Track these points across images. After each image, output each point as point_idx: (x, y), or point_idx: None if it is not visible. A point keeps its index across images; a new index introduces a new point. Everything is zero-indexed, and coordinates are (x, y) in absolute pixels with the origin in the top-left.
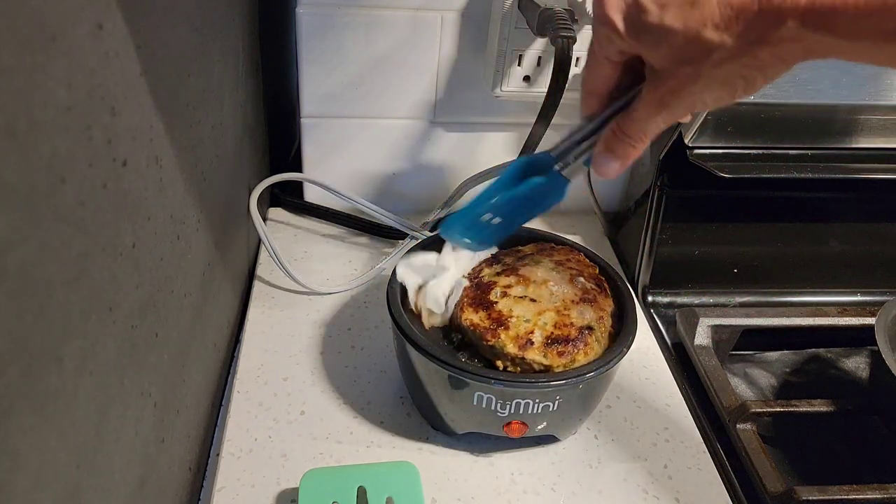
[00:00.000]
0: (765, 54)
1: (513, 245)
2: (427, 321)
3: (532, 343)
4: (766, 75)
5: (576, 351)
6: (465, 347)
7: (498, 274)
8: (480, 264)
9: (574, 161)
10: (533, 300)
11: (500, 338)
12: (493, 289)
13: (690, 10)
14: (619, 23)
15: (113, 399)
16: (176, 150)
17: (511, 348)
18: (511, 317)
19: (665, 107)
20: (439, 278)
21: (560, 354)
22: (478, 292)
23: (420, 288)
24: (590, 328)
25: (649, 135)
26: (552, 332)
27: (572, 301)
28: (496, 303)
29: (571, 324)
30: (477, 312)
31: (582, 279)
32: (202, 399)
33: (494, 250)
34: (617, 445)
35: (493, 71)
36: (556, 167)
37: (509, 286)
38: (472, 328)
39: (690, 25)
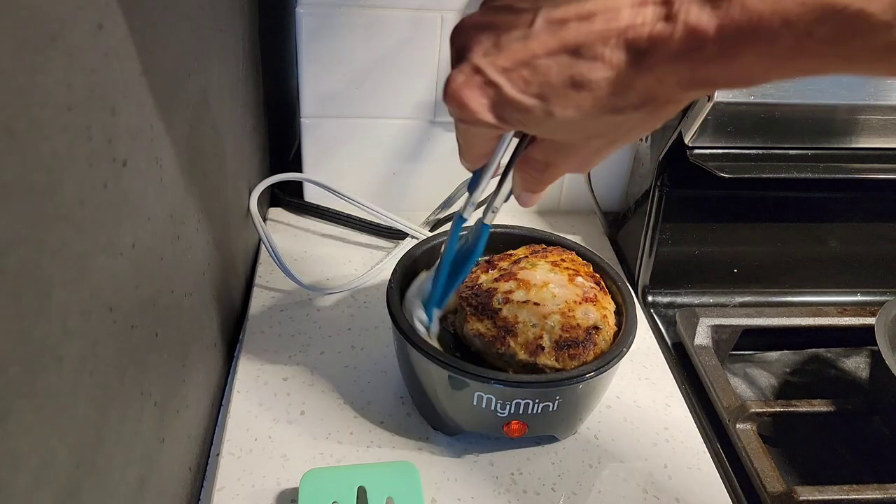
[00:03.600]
0: (667, 110)
1: (504, 247)
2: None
3: (542, 348)
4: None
5: (586, 353)
6: (472, 359)
7: (496, 280)
8: (476, 271)
9: (495, 210)
10: (536, 304)
11: (509, 345)
12: (494, 295)
13: (577, 94)
14: (490, 118)
15: (113, 399)
16: (176, 149)
17: (522, 355)
18: (517, 323)
19: (565, 154)
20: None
21: (571, 357)
22: (479, 300)
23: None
24: (596, 328)
25: (558, 168)
26: (561, 336)
27: (575, 301)
28: (500, 309)
29: (578, 325)
30: (482, 321)
31: (581, 278)
32: (202, 399)
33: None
34: (617, 445)
35: None
36: (486, 220)
37: (510, 291)
38: (478, 337)
39: (586, 110)
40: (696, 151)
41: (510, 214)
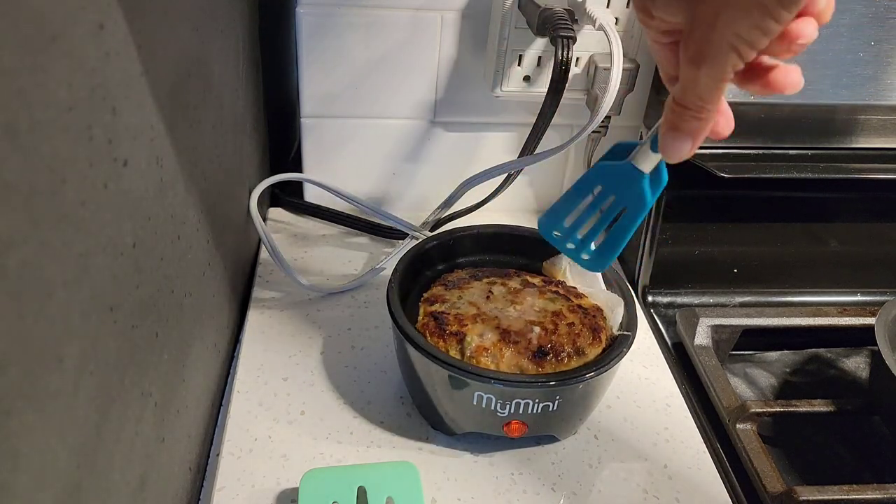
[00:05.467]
0: None
1: (504, 247)
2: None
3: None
4: None
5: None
6: None
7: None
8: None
9: (640, 148)
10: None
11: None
12: (463, 339)
13: None
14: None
15: (113, 399)
16: (176, 150)
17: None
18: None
19: (703, 60)
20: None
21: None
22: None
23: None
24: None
25: (707, 99)
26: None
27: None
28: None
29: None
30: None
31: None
32: (202, 399)
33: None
34: (617, 445)
35: (493, 71)
36: (628, 159)
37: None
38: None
39: None
40: (696, 151)
41: (510, 214)
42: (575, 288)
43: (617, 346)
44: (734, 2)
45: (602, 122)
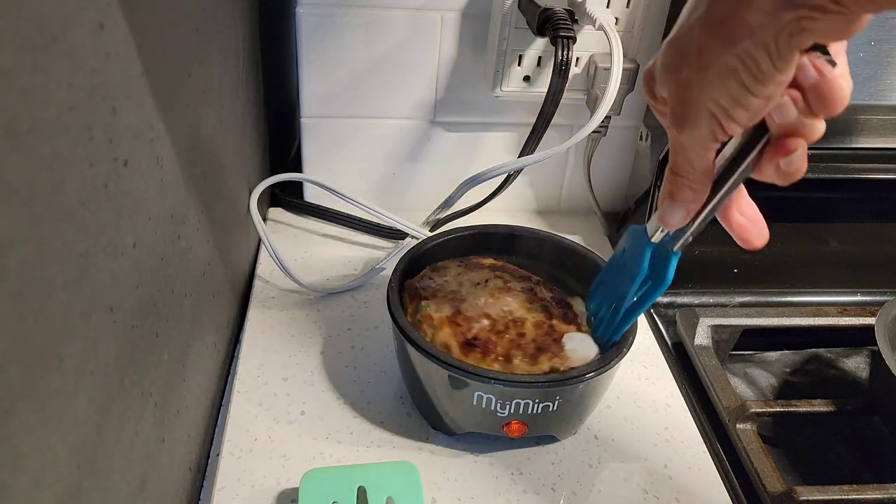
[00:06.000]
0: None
1: (502, 248)
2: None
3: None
4: (767, 47)
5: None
6: None
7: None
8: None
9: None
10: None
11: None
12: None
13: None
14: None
15: (113, 399)
16: (176, 150)
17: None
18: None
19: (683, 123)
20: None
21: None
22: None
23: None
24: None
25: (695, 166)
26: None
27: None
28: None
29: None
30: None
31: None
32: (202, 399)
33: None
34: (617, 445)
35: (493, 71)
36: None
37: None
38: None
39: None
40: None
41: (510, 214)
42: (569, 311)
43: (617, 346)
44: (710, 69)
45: (602, 122)
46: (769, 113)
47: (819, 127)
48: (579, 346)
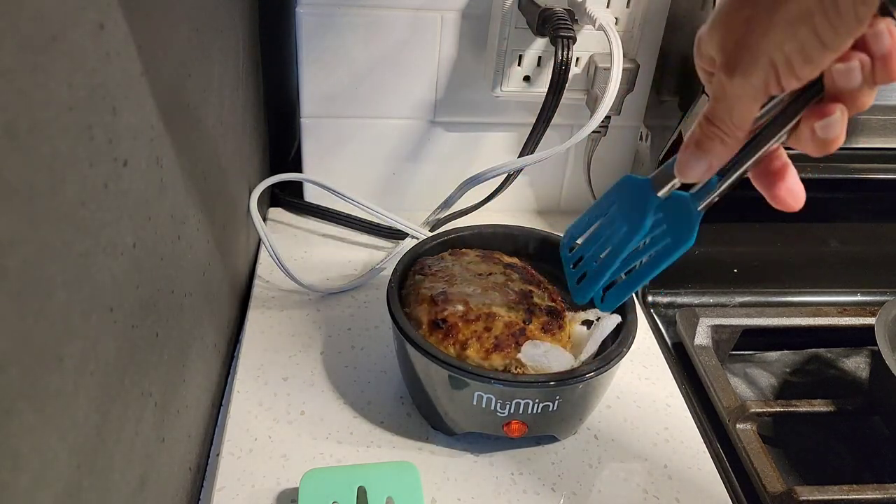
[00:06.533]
0: None
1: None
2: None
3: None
4: None
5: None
6: None
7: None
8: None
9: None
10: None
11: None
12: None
13: None
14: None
15: (113, 399)
16: (176, 150)
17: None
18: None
19: (736, 67)
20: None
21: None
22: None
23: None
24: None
25: (735, 116)
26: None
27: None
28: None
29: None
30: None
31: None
32: (202, 399)
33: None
34: (617, 445)
35: (493, 71)
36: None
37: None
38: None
39: None
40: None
41: (510, 214)
42: (554, 321)
43: (617, 346)
44: (781, 9)
45: (602, 122)
46: (831, 74)
47: (869, 98)
48: (537, 355)
